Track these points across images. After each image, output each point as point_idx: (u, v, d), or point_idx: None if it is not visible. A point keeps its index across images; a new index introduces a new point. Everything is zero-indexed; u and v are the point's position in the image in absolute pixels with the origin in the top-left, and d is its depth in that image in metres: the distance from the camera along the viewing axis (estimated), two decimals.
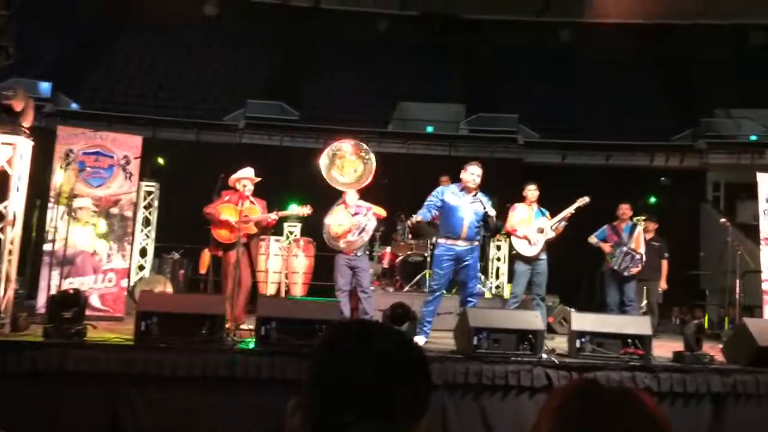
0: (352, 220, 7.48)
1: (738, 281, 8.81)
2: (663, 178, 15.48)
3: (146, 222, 10.91)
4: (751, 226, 11.36)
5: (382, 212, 7.71)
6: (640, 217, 10.05)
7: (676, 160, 16.07)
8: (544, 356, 5.82)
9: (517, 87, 18.34)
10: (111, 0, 19.48)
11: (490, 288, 10.92)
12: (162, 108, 16.04)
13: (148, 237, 10.90)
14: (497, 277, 11.51)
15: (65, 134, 8.39)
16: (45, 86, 14.95)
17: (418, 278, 9.69)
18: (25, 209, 6.73)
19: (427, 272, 9.23)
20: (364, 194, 7.71)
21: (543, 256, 7.63)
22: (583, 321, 6.29)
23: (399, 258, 9.96)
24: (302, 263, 9.73)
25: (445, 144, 15.96)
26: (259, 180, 7.49)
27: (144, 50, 18.22)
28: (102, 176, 8.34)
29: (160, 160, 11.62)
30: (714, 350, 6.39)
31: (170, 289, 9.57)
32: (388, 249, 10.22)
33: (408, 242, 10.08)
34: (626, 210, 8.70)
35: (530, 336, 5.88)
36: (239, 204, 7.17)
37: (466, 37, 19.63)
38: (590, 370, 5.62)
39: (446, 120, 16.78)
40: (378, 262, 10.14)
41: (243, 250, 7.21)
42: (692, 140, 16.14)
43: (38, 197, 7.71)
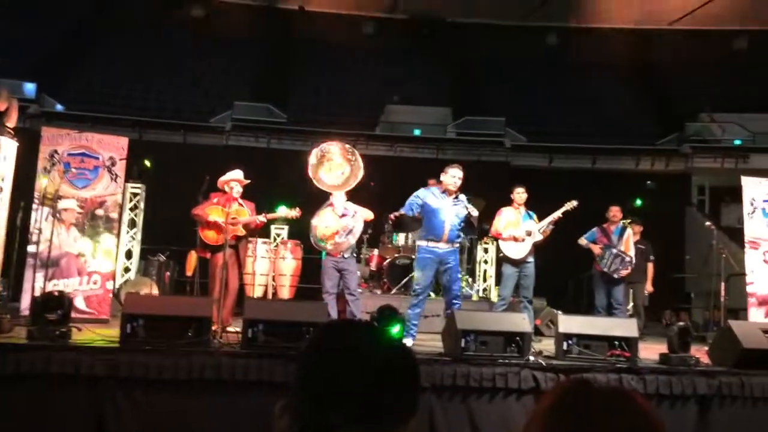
0: (340, 222, 7.46)
1: (723, 284, 8.86)
2: (648, 182, 15.60)
3: (132, 224, 10.84)
4: (736, 230, 11.46)
5: (370, 215, 7.70)
6: (626, 220, 10.10)
7: (662, 164, 16.20)
8: (532, 358, 5.83)
9: (505, 91, 18.41)
10: (96, 0, 19.40)
11: (478, 290, 10.93)
12: (148, 109, 15.97)
13: (134, 239, 10.83)
14: (484, 280, 11.52)
15: (50, 135, 8.32)
16: (29, 87, 14.86)
17: (406, 281, 9.68)
18: (10, 211, 6.67)
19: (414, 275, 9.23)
20: (352, 197, 7.70)
21: (530, 259, 7.66)
22: (570, 323, 6.30)
23: (386, 260, 9.95)
24: (289, 265, 9.69)
25: (433, 147, 15.99)
26: (248, 182, 7.46)
27: (130, 51, 18.11)
28: (87, 178, 8.28)
29: (147, 162, 11.54)
30: (699, 352, 6.42)
31: (156, 291, 9.51)
32: (376, 251, 10.21)
33: (396, 245, 10.08)
34: (616, 212, 8.72)
35: (517, 338, 5.88)
36: (228, 206, 7.14)
37: (454, 41, 19.69)
38: (577, 372, 5.63)
39: (434, 123, 16.82)
40: (365, 265, 10.12)
41: (231, 252, 7.19)
42: (677, 144, 16.29)
43: (23, 199, 7.63)
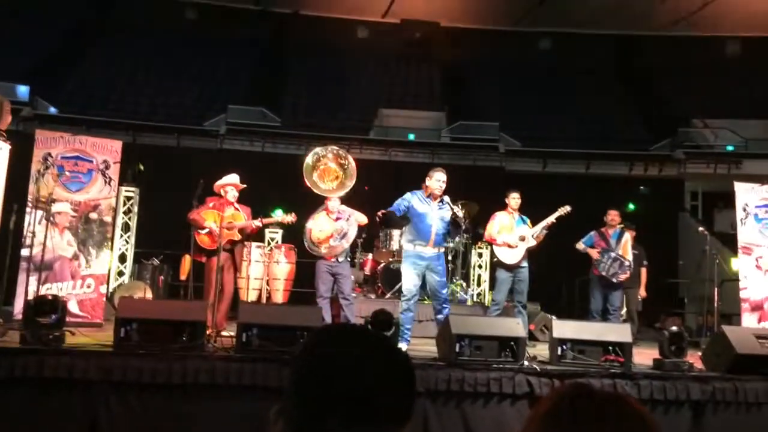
0: (335, 226, 7.47)
1: (716, 290, 8.89)
2: (642, 187, 15.66)
3: (126, 227, 10.80)
4: (729, 235, 11.51)
5: (364, 219, 7.71)
6: (619, 225, 10.13)
7: (655, 170, 16.25)
8: (526, 363, 5.83)
9: (498, 95, 18.46)
10: (91, 3, 19.37)
11: (472, 295, 10.94)
12: (142, 113, 15.94)
13: (128, 242, 10.80)
14: (479, 285, 11.54)
15: (44, 138, 8.29)
16: (23, 90, 14.81)
17: (400, 285, 9.65)
18: (2, 214, 6.64)
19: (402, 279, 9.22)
20: (346, 201, 7.71)
21: (524, 264, 7.67)
22: (565, 328, 6.32)
23: (381, 265, 9.95)
24: (284, 270, 9.69)
25: (427, 151, 16.00)
26: (244, 186, 7.46)
27: (124, 54, 18.09)
28: (81, 181, 8.26)
29: (140, 166, 11.52)
30: (693, 358, 6.44)
31: (150, 295, 9.48)
32: (370, 256, 10.21)
33: (390, 249, 10.07)
34: (615, 216, 8.70)
35: (512, 343, 5.89)
36: (223, 210, 7.12)
37: (447, 45, 19.74)
38: (571, 377, 5.63)
39: (428, 127, 16.85)
40: (360, 269, 10.12)
41: (227, 256, 7.19)
42: (670, 150, 16.33)
43: (16, 202, 7.60)
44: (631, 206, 14.30)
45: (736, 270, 9.36)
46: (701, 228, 10.39)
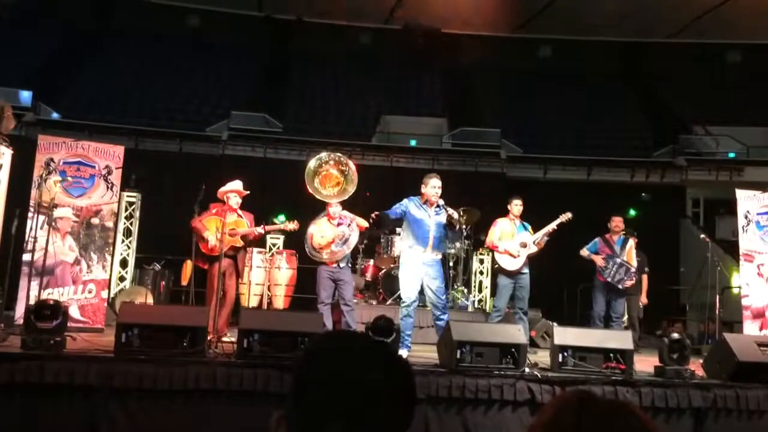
0: (336, 231, 7.48)
1: (718, 297, 8.87)
2: (644, 194, 15.65)
3: (127, 232, 10.80)
4: (731, 242, 11.50)
5: (365, 223, 7.70)
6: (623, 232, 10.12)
7: (657, 176, 16.26)
8: (527, 370, 5.82)
9: (500, 102, 18.49)
10: (94, 10, 19.44)
11: (473, 302, 10.93)
12: (144, 118, 15.97)
13: (129, 248, 10.79)
14: (480, 291, 11.53)
15: (46, 143, 8.30)
16: (26, 95, 14.87)
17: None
18: (5, 218, 6.64)
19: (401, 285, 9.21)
20: (347, 207, 7.72)
21: (525, 270, 7.66)
22: (566, 335, 6.30)
23: (382, 271, 9.95)
24: (285, 275, 9.68)
25: (428, 157, 16.02)
26: (247, 193, 7.46)
27: (127, 60, 18.14)
28: (83, 186, 8.27)
29: (142, 171, 11.52)
30: (694, 365, 6.42)
31: (151, 301, 9.48)
32: (371, 262, 10.22)
33: (391, 255, 10.07)
34: (619, 222, 8.67)
35: (513, 350, 5.88)
36: (226, 216, 7.11)
37: (449, 52, 19.78)
38: (572, 384, 5.62)
39: (429, 134, 16.87)
40: (361, 275, 10.12)
41: (230, 262, 7.18)
42: (672, 157, 16.34)
43: (18, 207, 7.61)
44: (632, 212, 14.30)
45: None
46: (703, 235, 10.39)
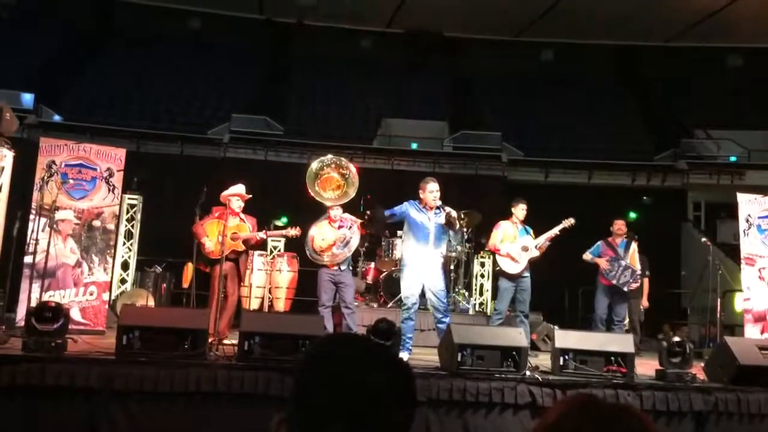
0: (338, 234, 7.49)
1: (719, 300, 8.87)
2: (645, 197, 15.64)
3: (129, 235, 10.81)
4: (732, 246, 11.49)
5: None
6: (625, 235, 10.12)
7: (658, 180, 16.26)
8: (528, 373, 5.82)
9: (501, 105, 18.49)
10: (94, 10, 19.46)
11: (474, 305, 10.92)
12: (146, 121, 15.99)
13: (131, 250, 10.79)
14: (481, 294, 11.52)
15: (48, 146, 8.32)
16: (27, 97, 14.88)
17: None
18: (6, 221, 6.65)
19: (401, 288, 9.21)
20: (348, 210, 7.73)
21: (527, 274, 7.66)
22: (567, 338, 6.29)
23: (383, 274, 9.95)
24: (286, 278, 9.68)
25: (429, 161, 16.03)
26: (249, 197, 7.45)
27: (128, 63, 18.15)
28: (84, 188, 8.28)
29: (144, 174, 11.53)
30: (695, 368, 6.41)
31: (152, 303, 9.48)
32: (372, 265, 10.22)
33: (392, 258, 10.07)
34: (621, 226, 8.66)
35: (514, 353, 5.87)
36: (228, 220, 7.11)
37: (450, 55, 19.79)
38: (573, 387, 5.62)
39: (430, 137, 16.88)
40: (362, 278, 10.12)
41: (231, 266, 7.17)
42: (673, 160, 16.34)
43: (20, 209, 7.62)
44: (633, 216, 14.28)
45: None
46: (704, 239, 10.38)
